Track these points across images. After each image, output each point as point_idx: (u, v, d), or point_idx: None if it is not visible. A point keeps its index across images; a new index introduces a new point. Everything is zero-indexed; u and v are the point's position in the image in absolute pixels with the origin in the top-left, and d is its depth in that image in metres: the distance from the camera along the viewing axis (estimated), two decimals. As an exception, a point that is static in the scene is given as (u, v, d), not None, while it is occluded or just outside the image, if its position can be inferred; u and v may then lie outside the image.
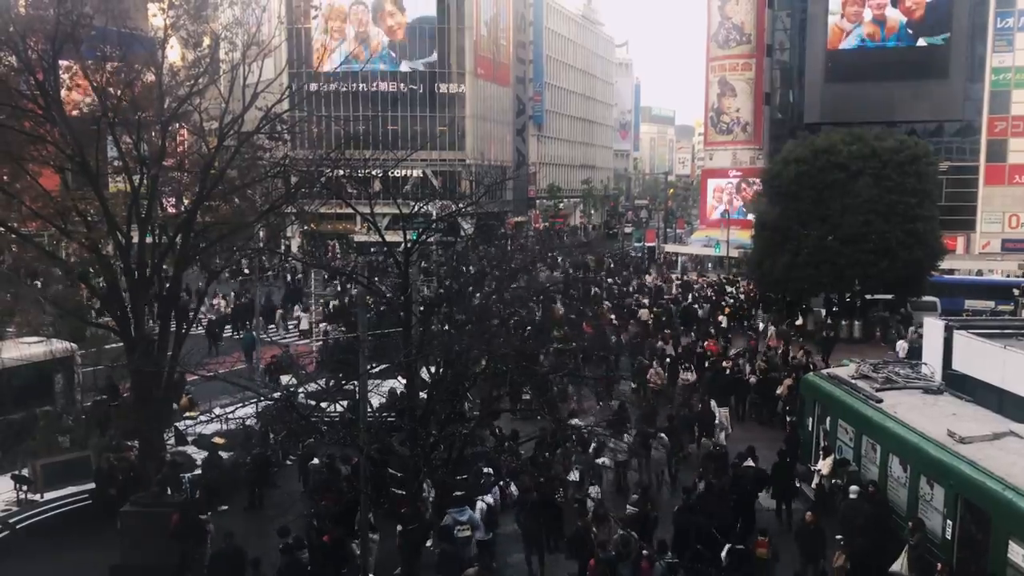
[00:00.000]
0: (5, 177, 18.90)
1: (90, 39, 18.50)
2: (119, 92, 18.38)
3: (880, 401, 17.06)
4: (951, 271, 45.92)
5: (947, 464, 14.02)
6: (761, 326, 37.56)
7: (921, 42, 58.54)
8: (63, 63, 18.24)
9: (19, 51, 17.24)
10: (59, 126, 17.50)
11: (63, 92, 18.20)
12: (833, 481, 17.36)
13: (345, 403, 15.00)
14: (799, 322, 37.38)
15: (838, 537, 14.59)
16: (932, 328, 20.82)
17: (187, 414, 23.08)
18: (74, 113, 19.00)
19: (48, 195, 18.79)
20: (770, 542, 14.73)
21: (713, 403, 22.50)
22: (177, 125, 21.11)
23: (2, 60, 17.97)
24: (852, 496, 15.49)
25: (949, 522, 13.79)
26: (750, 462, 17.97)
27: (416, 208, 15.60)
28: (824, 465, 17.98)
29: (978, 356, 18.35)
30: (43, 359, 22.00)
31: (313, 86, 48.47)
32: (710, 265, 63.37)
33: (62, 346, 22.77)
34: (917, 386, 17.99)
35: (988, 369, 17.85)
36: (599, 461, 18.11)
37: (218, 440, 19.28)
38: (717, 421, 21.94)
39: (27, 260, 21.67)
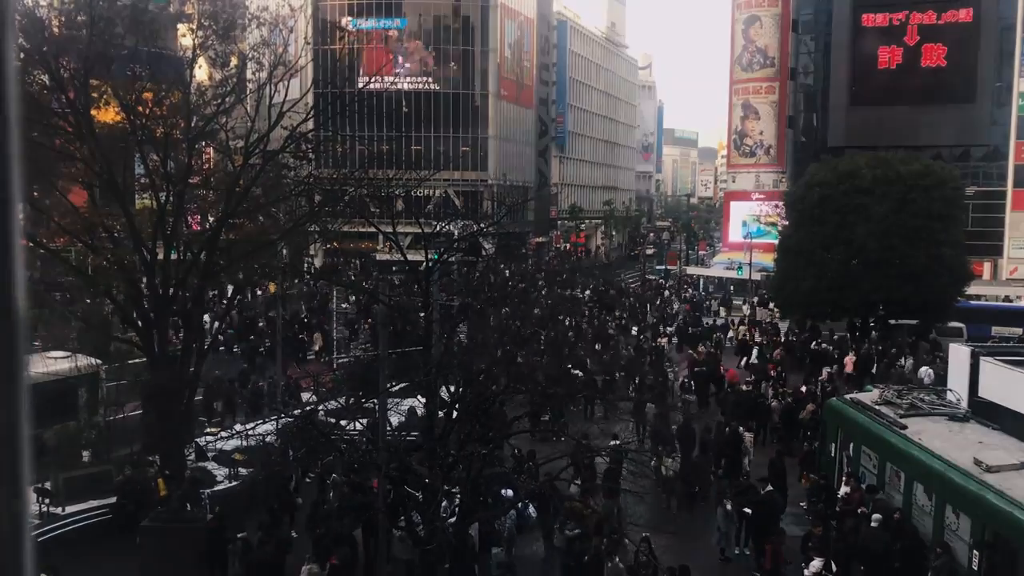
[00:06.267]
0: (35, 193, 19.21)
1: (121, 59, 18.84)
2: (147, 111, 18.68)
3: (904, 428, 16.82)
4: (978, 297, 45.32)
5: (974, 493, 13.78)
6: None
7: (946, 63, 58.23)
8: (93, 82, 18.56)
9: (52, 70, 17.57)
10: (88, 144, 17.78)
11: (92, 110, 18.50)
12: (860, 510, 17.09)
13: (364, 421, 15.01)
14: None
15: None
16: (958, 354, 20.53)
17: (208, 430, 23.23)
18: (102, 131, 19.31)
19: (76, 211, 19.06)
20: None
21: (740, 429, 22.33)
22: (203, 143, 21.40)
23: (35, 78, 18.32)
24: (874, 524, 15.27)
25: (976, 552, 13.53)
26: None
27: (438, 228, 15.68)
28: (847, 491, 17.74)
29: (1006, 383, 18.05)
30: (68, 374, 22.20)
31: (340, 104, 48.86)
32: (732, 288, 63.02)
33: (87, 362, 22.98)
34: (942, 413, 17.73)
35: (1016, 397, 17.55)
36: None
37: (238, 456, 19.34)
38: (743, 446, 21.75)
39: (54, 275, 21.96)
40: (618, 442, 17.56)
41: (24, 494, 0.74)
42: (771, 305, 46.21)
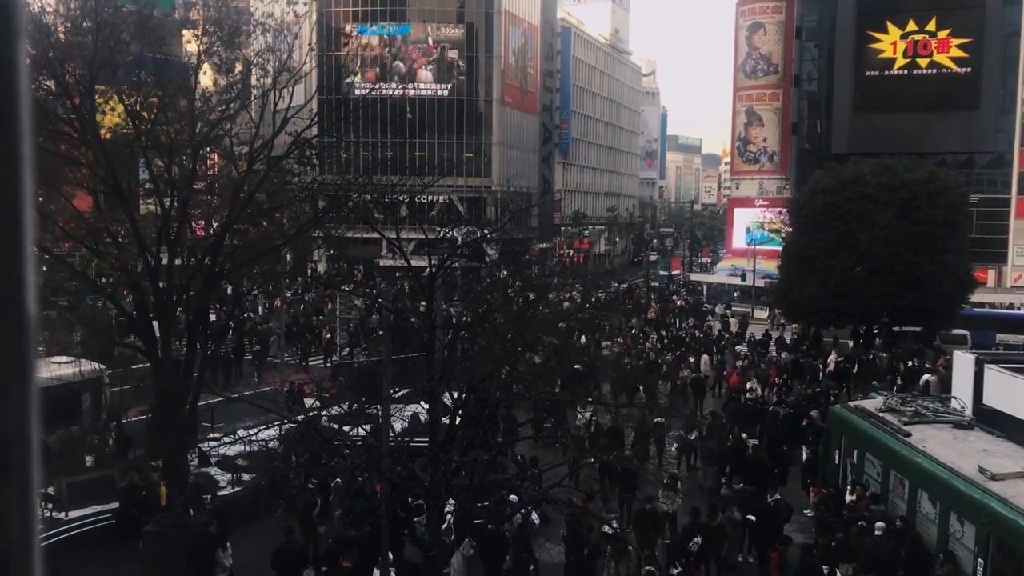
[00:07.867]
0: (40, 198, 19.27)
1: (126, 64, 18.92)
2: (152, 116, 18.74)
3: (908, 435, 16.78)
4: (982, 304, 45.23)
5: (978, 501, 13.74)
6: None
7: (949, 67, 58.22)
8: (99, 87, 18.63)
9: (57, 76, 17.64)
10: (93, 149, 17.84)
11: (97, 116, 18.57)
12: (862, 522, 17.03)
13: (368, 427, 15.01)
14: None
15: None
16: (962, 362, 20.51)
17: (211, 435, 23.25)
18: (107, 136, 19.36)
19: (81, 216, 19.12)
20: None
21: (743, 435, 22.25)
22: (208, 149, 21.45)
23: (41, 84, 18.41)
24: (878, 533, 15.22)
25: (980, 561, 13.48)
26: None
27: (442, 233, 15.70)
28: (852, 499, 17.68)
29: (1010, 391, 18.04)
30: (72, 379, 22.22)
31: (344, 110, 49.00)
32: (736, 294, 62.93)
33: (90, 367, 23.00)
34: (947, 420, 17.67)
35: (1021, 404, 17.52)
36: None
37: (241, 462, 19.34)
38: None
39: (58, 280, 22.02)
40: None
41: (34, 496, 0.75)
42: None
